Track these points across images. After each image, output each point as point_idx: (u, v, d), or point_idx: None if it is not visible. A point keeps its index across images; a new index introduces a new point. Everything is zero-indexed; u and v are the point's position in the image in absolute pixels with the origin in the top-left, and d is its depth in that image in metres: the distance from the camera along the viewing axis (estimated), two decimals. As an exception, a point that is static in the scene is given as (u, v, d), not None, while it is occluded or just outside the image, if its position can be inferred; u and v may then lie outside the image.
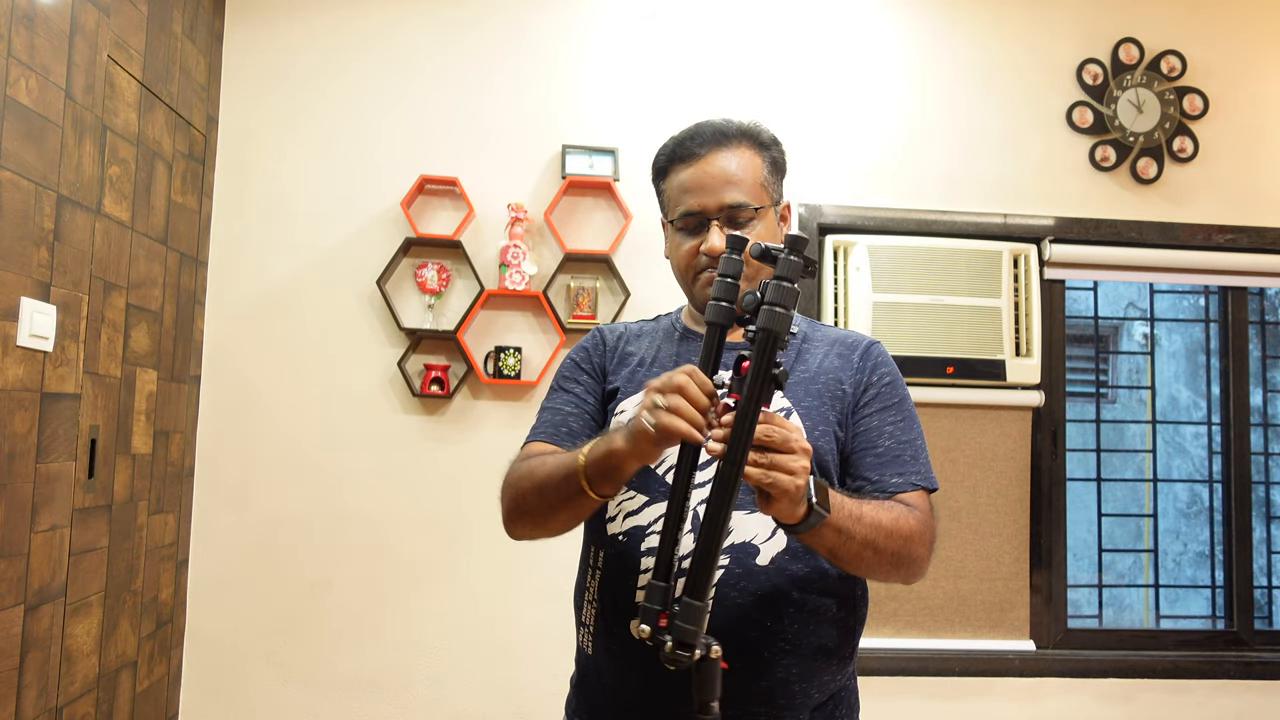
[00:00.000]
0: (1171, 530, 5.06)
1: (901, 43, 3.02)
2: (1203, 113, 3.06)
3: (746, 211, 1.29)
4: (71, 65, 2.02)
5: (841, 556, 1.13)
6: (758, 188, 1.30)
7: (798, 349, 1.34)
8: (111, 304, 2.23)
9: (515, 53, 2.91)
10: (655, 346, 1.38)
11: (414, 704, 2.73)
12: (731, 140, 1.31)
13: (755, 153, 1.32)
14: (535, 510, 1.22)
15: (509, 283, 2.77)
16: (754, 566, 1.19)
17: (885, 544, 1.14)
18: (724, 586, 1.18)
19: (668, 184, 1.35)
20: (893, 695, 2.84)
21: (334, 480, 2.76)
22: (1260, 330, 3.28)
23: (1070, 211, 3.01)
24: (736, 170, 1.29)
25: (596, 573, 1.28)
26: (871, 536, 1.13)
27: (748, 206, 1.28)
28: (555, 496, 1.17)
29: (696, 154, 1.30)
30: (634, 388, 1.32)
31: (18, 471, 1.86)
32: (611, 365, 1.38)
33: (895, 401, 1.30)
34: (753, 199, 1.29)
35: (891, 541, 1.15)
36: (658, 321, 1.45)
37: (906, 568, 1.19)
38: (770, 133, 1.35)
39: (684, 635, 0.98)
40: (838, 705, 1.27)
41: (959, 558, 2.94)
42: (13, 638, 1.87)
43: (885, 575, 1.19)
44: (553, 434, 1.32)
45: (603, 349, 1.40)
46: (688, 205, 1.30)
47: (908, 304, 2.86)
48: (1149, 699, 2.92)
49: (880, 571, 1.18)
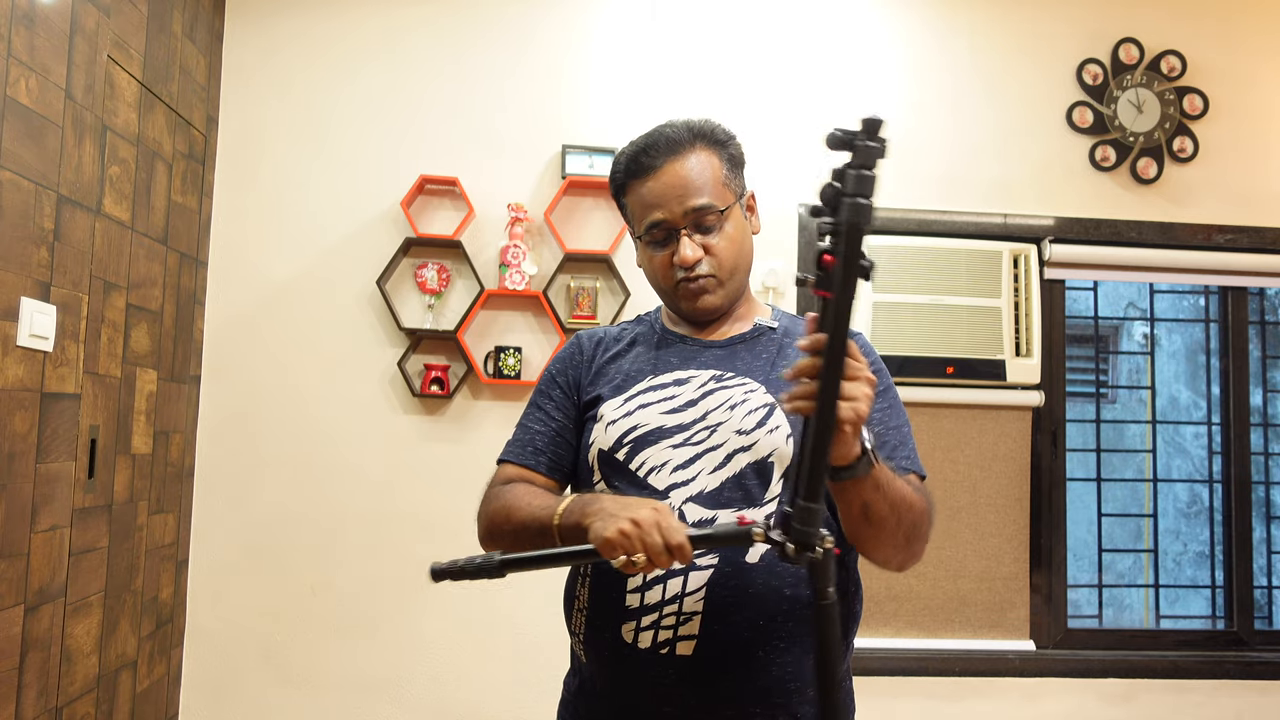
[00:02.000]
0: (1171, 530, 5.06)
1: (901, 43, 3.02)
2: (1203, 113, 3.06)
3: (712, 214, 1.28)
4: (71, 65, 2.02)
5: (870, 517, 1.11)
6: (719, 187, 1.30)
7: (779, 344, 1.33)
8: (111, 304, 2.23)
9: (515, 53, 2.91)
10: (635, 350, 1.38)
11: (414, 704, 2.73)
12: (685, 146, 1.30)
13: (711, 152, 1.31)
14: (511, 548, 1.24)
15: (509, 283, 2.77)
16: (745, 565, 1.19)
17: (905, 514, 1.14)
18: (714, 586, 1.18)
19: (629, 199, 1.34)
20: (893, 695, 2.84)
21: (334, 480, 2.76)
22: (1260, 330, 3.28)
23: (1070, 211, 3.01)
24: (696, 175, 1.28)
25: (586, 580, 1.28)
26: (898, 501, 1.12)
27: (713, 209, 1.28)
28: (529, 546, 1.20)
29: (653, 166, 1.29)
30: (613, 393, 1.32)
31: (18, 471, 1.86)
32: (589, 376, 1.37)
33: (881, 389, 1.29)
34: (717, 200, 1.29)
35: (910, 513, 1.15)
36: (638, 323, 1.44)
37: (913, 545, 1.19)
38: (724, 129, 1.35)
39: (802, 537, 0.97)
40: None
41: (959, 558, 2.94)
42: (13, 638, 1.87)
43: (892, 551, 1.18)
44: (520, 454, 1.35)
45: (579, 359, 1.40)
46: (653, 218, 1.30)
47: (908, 304, 2.86)
48: (1149, 699, 2.92)
49: (890, 544, 1.16)
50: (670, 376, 1.31)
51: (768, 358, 1.31)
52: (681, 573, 1.18)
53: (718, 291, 1.31)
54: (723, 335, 1.36)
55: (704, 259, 1.29)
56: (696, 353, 1.33)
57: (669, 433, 1.26)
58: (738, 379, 1.28)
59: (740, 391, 1.26)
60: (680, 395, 1.29)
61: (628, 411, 1.29)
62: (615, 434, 1.28)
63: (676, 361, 1.33)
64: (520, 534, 1.22)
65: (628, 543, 1.03)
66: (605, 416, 1.30)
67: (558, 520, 1.16)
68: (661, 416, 1.27)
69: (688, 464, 1.24)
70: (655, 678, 1.18)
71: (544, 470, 1.34)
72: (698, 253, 1.28)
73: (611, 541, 1.03)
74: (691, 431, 1.25)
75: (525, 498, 1.26)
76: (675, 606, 1.18)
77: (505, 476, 1.34)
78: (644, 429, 1.27)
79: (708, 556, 1.19)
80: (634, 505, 1.06)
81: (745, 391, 1.26)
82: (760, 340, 1.34)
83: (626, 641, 1.20)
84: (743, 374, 1.29)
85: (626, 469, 1.26)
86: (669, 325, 1.40)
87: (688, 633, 1.17)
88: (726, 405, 1.25)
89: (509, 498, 1.28)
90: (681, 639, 1.17)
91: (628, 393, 1.31)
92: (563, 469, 1.35)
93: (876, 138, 0.96)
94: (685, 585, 1.18)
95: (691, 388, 1.29)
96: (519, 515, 1.24)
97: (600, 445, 1.29)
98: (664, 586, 1.19)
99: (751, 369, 1.29)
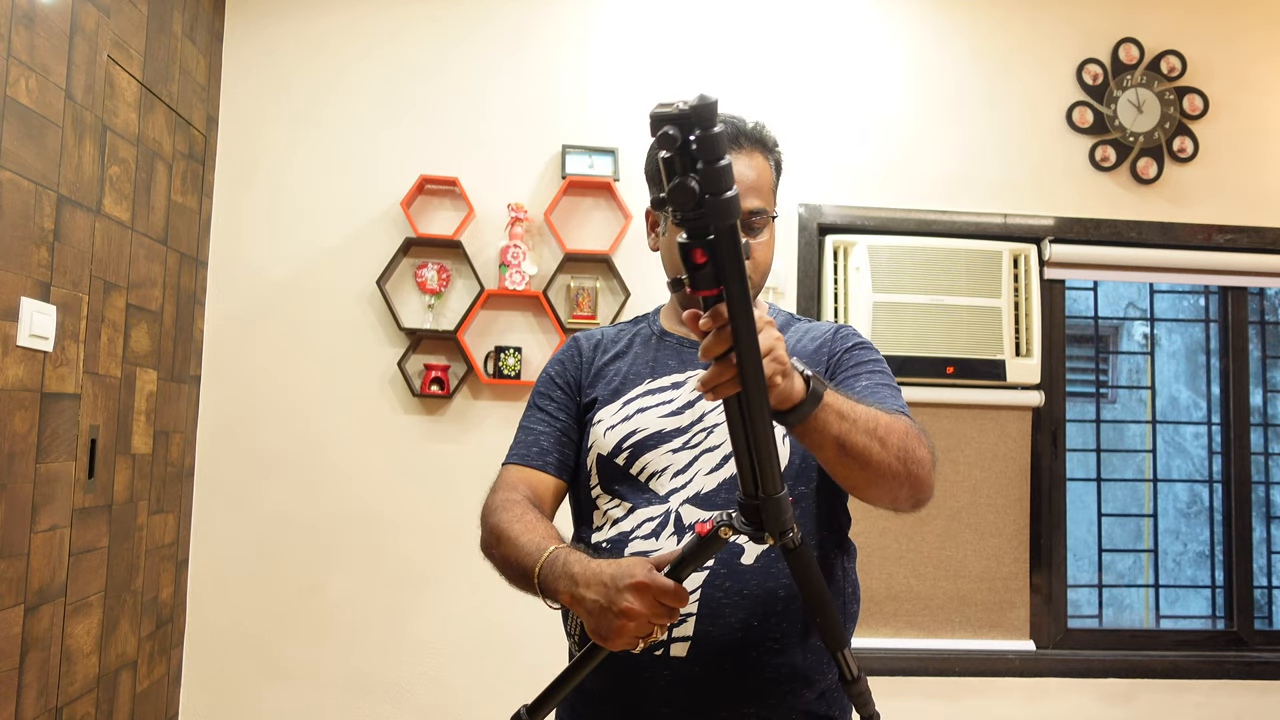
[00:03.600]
0: (1171, 530, 5.06)
1: (902, 43, 3.02)
2: (1203, 113, 3.06)
3: (763, 219, 1.27)
4: (71, 65, 2.02)
5: (850, 449, 1.05)
6: (770, 194, 1.30)
7: None
8: (111, 304, 2.23)
9: (515, 53, 2.91)
10: (632, 352, 1.37)
11: (413, 704, 2.73)
12: (744, 145, 1.28)
13: (764, 157, 1.30)
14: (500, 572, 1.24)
15: (509, 283, 2.77)
16: (739, 566, 1.19)
17: (889, 436, 1.07)
18: (709, 588, 1.18)
19: None
20: (892, 695, 2.84)
21: (334, 480, 2.76)
22: (1260, 330, 3.28)
23: (1070, 211, 3.01)
24: (755, 178, 1.27)
25: None
26: (873, 425, 1.06)
27: (765, 214, 1.27)
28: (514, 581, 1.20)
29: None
30: (610, 396, 1.32)
31: (18, 471, 1.86)
32: (588, 378, 1.37)
33: (870, 359, 1.30)
34: (769, 206, 1.29)
35: (894, 435, 1.08)
36: (636, 324, 1.44)
37: (912, 470, 1.10)
38: (773, 135, 1.34)
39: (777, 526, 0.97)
40: (831, 705, 1.26)
41: (959, 558, 2.94)
42: (13, 638, 1.87)
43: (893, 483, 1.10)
44: (525, 456, 1.33)
45: (578, 360, 1.39)
46: None
47: (908, 304, 2.86)
48: (1149, 699, 2.92)
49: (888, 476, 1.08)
50: (668, 380, 1.31)
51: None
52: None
53: None
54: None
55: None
56: (694, 355, 1.33)
57: (668, 436, 1.26)
58: None
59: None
60: (678, 398, 1.29)
61: (626, 416, 1.29)
62: (614, 439, 1.27)
63: (674, 364, 1.33)
64: (505, 567, 1.21)
65: (639, 632, 1.01)
66: (603, 421, 1.30)
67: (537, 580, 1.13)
68: (660, 420, 1.27)
69: (686, 468, 1.24)
70: (650, 679, 1.18)
71: (552, 470, 1.32)
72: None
73: (626, 645, 1.02)
74: (690, 434, 1.25)
75: (513, 529, 1.21)
76: None
77: (510, 480, 1.32)
78: (643, 433, 1.27)
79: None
80: (612, 590, 1.02)
81: None
82: None
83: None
84: None
85: (628, 474, 1.26)
86: (667, 325, 1.40)
87: (682, 634, 1.17)
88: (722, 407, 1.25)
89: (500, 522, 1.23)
90: (676, 640, 1.17)
91: (626, 396, 1.31)
92: (569, 468, 1.35)
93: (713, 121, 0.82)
94: None
95: (689, 389, 1.29)
96: (504, 550, 1.21)
97: (599, 450, 1.29)
98: None
99: None
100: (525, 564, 1.15)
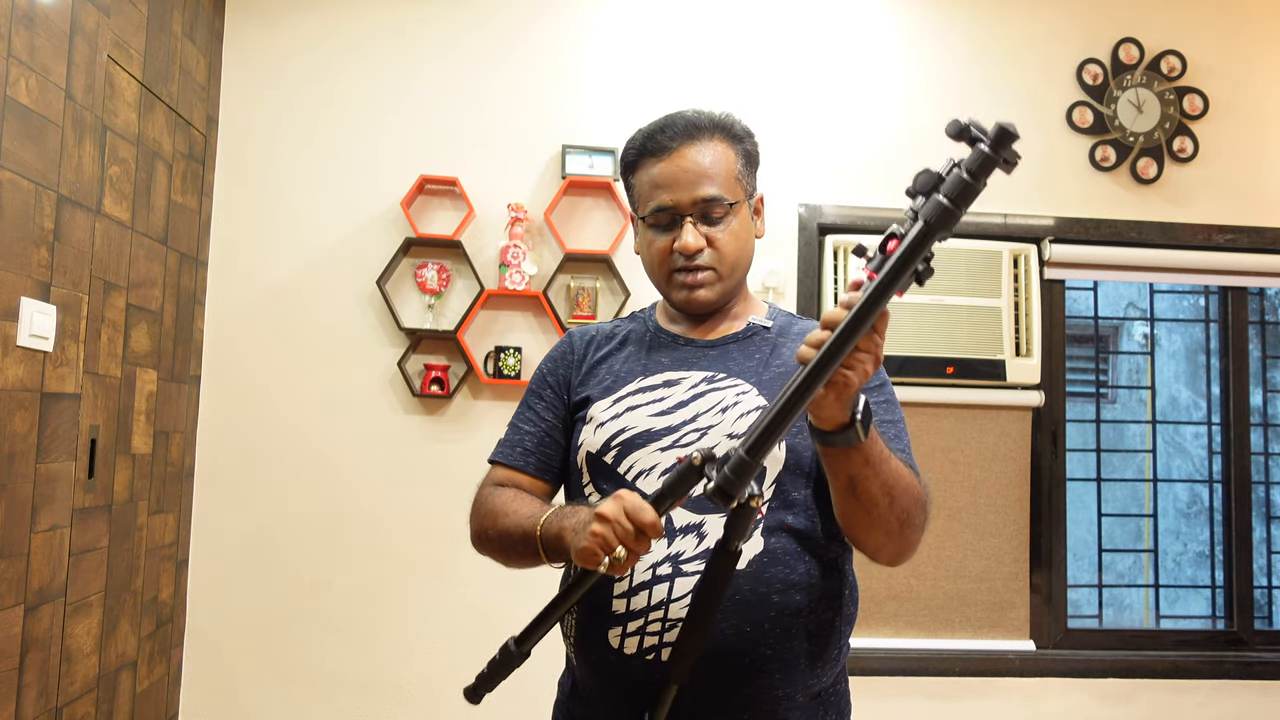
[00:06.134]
0: (1171, 530, 5.06)
1: (902, 43, 3.02)
2: (1203, 113, 3.06)
3: (720, 206, 1.26)
4: (71, 65, 2.02)
5: (859, 493, 1.08)
6: (731, 181, 1.28)
7: (773, 344, 1.31)
8: (111, 304, 2.23)
9: (515, 53, 2.91)
10: (626, 349, 1.36)
11: (413, 704, 2.73)
12: (704, 133, 1.27)
13: (728, 145, 1.29)
14: (498, 553, 1.27)
15: (509, 283, 2.77)
16: None
17: (899, 497, 1.10)
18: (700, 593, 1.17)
19: (637, 178, 1.31)
20: (893, 695, 2.84)
21: (334, 480, 2.76)
22: (1260, 330, 3.28)
23: (1070, 211, 3.01)
24: (709, 164, 1.26)
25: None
26: (891, 482, 1.09)
27: (722, 201, 1.26)
28: (514, 552, 1.23)
29: (668, 147, 1.26)
30: (603, 393, 1.31)
31: (18, 471, 1.86)
32: (579, 376, 1.36)
33: (876, 384, 1.28)
34: (727, 193, 1.27)
35: (905, 497, 1.11)
36: (631, 320, 1.42)
37: (906, 534, 1.14)
38: (743, 124, 1.32)
39: (725, 483, 0.96)
40: (827, 709, 1.24)
41: (959, 558, 2.94)
42: (13, 638, 1.87)
43: (884, 537, 1.14)
44: (509, 455, 1.36)
45: (570, 358, 1.38)
46: (660, 201, 1.27)
47: (908, 304, 2.86)
48: (1149, 699, 2.92)
49: (882, 529, 1.12)
50: (660, 378, 1.29)
51: (760, 358, 1.29)
52: (668, 579, 1.16)
53: (714, 286, 1.29)
54: (716, 334, 1.34)
55: (705, 250, 1.27)
56: (688, 353, 1.31)
57: (657, 435, 1.24)
58: (729, 380, 1.26)
59: (732, 394, 1.24)
60: (670, 397, 1.27)
61: (616, 414, 1.27)
62: (603, 436, 1.26)
63: (668, 362, 1.31)
64: (504, 541, 1.23)
65: (603, 542, 1.01)
66: (594, 418, 1.29)
67: (539, 531, 1.16)
68: (650, 419, 1.25)
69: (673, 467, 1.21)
70: (643, 683, 1.17)
71: (533, 471, 1.34)
72: (700, 242, 1.26)
73: (588, 550, 1.02)
74: (680, 434, 1.23)
75: (511, 504, 1.25)
76: (661, 613, 1.16)
77: (495, 479, 1.35)
78: (632, 431, 1.25)
79: (694, 563, 1.16)
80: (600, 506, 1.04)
81: (737, 394, 1.24)
82: (753, 340, 1.32)
83: (614, 647, 1.18)
84: (735, 375, 1.27)
85: (615, 472, 1.25)
86: (662, 324, 1.38)
87: (673, 639, 1.15)
88: (718, 408, 1.23)
89: (495, 503, 1.28)
90: (667, 645, 1.16)
91: (617, 394, 1.30)
92: (552, 470, 1.35)
93: (1001, 148, 0.87)
94: (671, 591, 1.16)
95: (682, 389, 1.27)
96: (503, 523, 1.24)
97: (589, 447, 1.28)
98: (650, 593, 1.17)
99: (744, 370, 1.28)
100: (526, 525, 1.19)
